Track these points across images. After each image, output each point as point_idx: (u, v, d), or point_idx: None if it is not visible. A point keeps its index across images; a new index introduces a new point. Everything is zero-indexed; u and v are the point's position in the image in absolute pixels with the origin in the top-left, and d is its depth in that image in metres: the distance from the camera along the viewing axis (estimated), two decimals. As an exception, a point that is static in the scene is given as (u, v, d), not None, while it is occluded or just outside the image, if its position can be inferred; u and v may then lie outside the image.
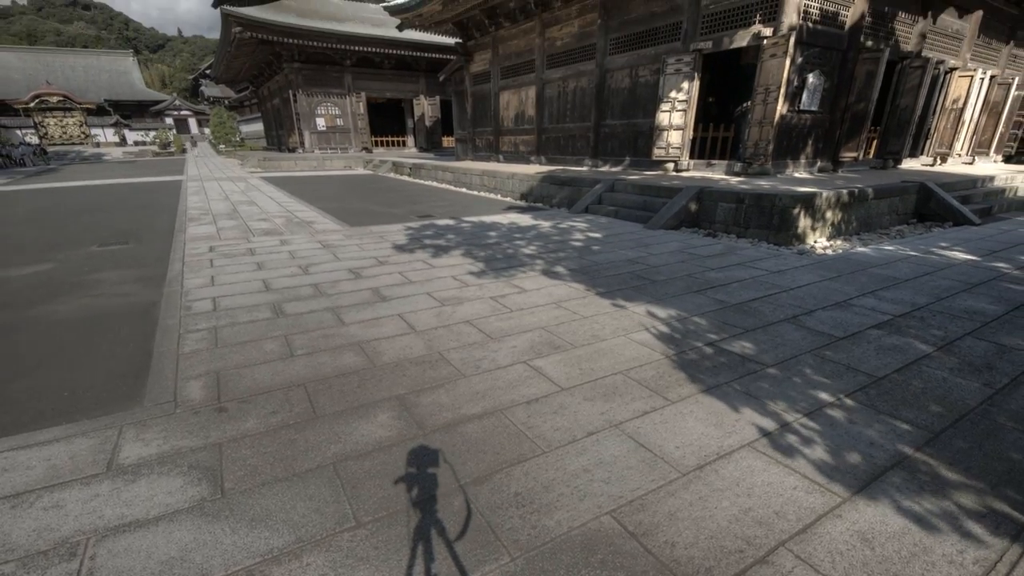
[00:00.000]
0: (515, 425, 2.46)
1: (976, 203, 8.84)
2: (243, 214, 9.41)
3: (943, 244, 6.42)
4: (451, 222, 8.36)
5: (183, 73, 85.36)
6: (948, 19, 11.30)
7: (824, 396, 2.70)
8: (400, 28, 18.07)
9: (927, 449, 2.24)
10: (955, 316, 3.89)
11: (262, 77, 31.96)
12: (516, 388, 2.83)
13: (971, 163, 13.45)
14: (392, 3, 16.13)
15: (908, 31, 10.52)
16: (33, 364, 3.19)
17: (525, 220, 8.51)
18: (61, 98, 46.29)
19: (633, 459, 2.19)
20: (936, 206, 8.07)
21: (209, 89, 55.89)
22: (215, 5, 29.25)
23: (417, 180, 16.61)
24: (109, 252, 6.39)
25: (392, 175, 18.85)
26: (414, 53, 24.74)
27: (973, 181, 9.49)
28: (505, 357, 3.22)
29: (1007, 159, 15.13)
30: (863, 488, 2.00)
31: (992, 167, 13.08)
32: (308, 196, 12.23)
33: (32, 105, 44.94)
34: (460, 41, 17.81)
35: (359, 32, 23.02)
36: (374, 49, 24.03)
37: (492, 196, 12.22)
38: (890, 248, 6.27)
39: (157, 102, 61.15)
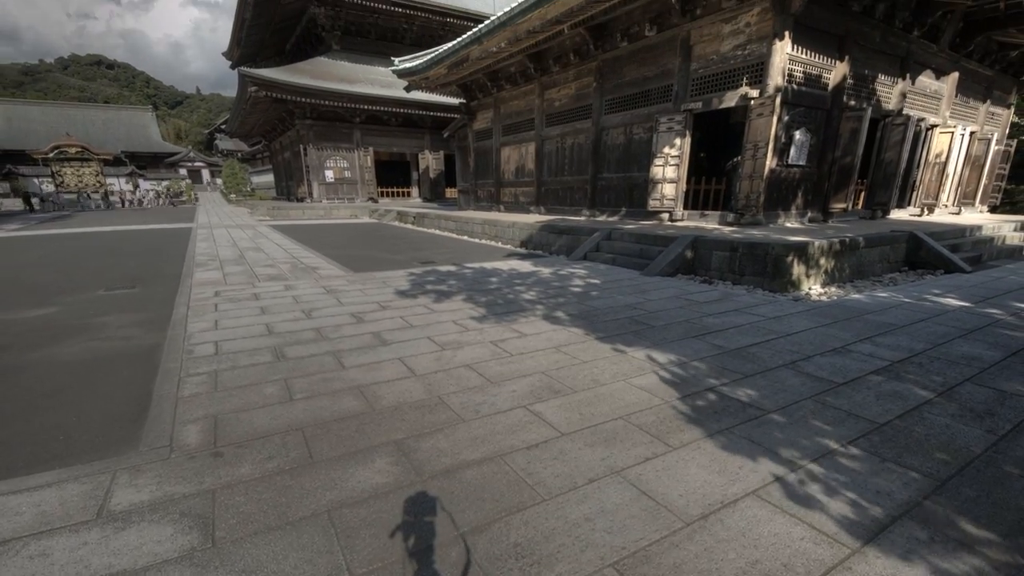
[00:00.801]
0: (515, 471, 2.39)
1: (966, 251, 8.95)
2: (250, 260, 9.50)
3: (936, 291, 6.45)
4: (453, 268, 8.43)
5: (199, 127, 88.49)
6: (926, 80, 11.81)
7: (828, 443, 2.64)
8: (407, 89, 18.92)
9: (935, 498, 2.17)
10: (953, 362, 3.86)
11: (275, 132, 33.06)
12: (516, 433, 2.76)
13: (957, 213, 13.71)
14: (400, 67, 16.99)
15: (889, 91, 10.98)
16: (30, 407, 3.14)
17: (525, 266, 8.59)
18: (79, 149, 47.67)
19: (636, 507, 2.11)
20: (927, 254, 8.16)
21: (223, 143, 57.74)
22: (233, 67, 30.67)
23: (421, 228, 16.87)
24: (115, 296, 6.41)
25: (396, 224, 19.16)
26: (420, 112, 25.69)
27: (961, 231, 9.64)
28: (505, 401, 3.17)
29: (992, 209, 15.44)
30: (872, 539, 1.92)
31: (978, 217, 13.34)
32: (314, 243, 12.39)
33: (51, 155, 46.26)
34: (464, 101, 18.59)
35: (369, 92, 24.03)
36: (382, 108, 25.00)
37: (493, 244, 12.38)
38: (884, 295, 6.29)
39: (172, 154, 63.02)
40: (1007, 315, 5.25)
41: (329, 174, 25.98)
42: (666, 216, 10.95)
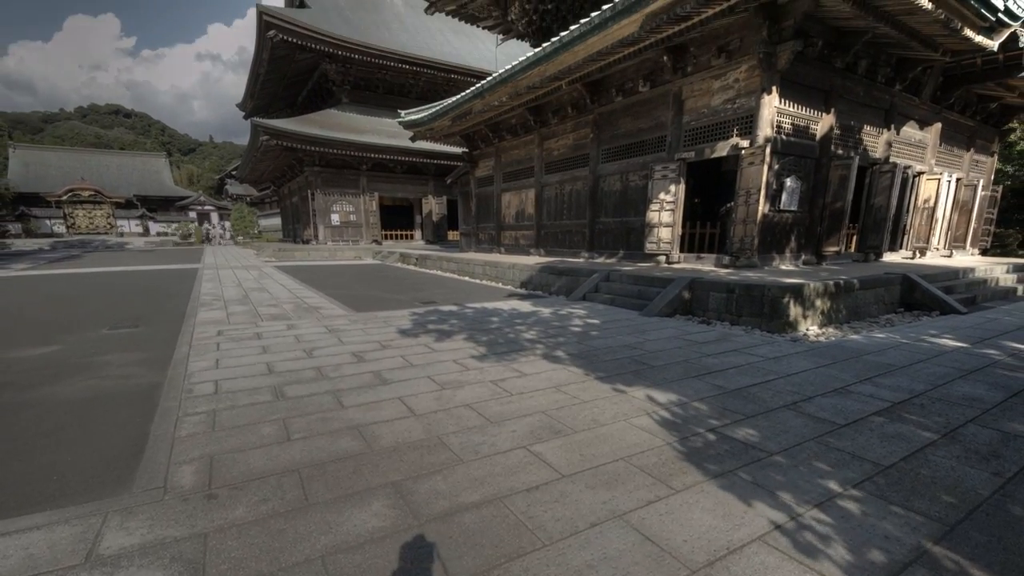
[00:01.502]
0: (514, 515, 2.31)
1: (960, 293, 8.97)
2: (254, 300, 9.52)
3: (932, 332, 6.42)
4: (454, 308, 8.43)
5: (210, 173, 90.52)
6: (910, 131, 12.16)
7: (833, 486, 2.56)
8: (413, 139, 19.61)
9: (945, 543, 2.09)
10: (954, 403, 3.80)
11: (284, 178, 33.83)
12: (516, 474, 2.69)
13: (949, 256, 13.83)
14: (406, 119, 17.68)
15: (875, 141, 11.29)
16: (25, 447, 3.07)
17: (526, 307, 8.59)
18: (92, 192, 48.70)
19: (639, 554, 2.03)
20: (921, 296, 8.17)
21: (233, 187, 59.00)
22: (246, 117, 31.82)
23: (423, 269, 16.98)
24: (119, 335, 6.39)
25: (399, 265, 19.31)
26: (424, 160, 26.43)
27: (954, 273, 9.69)
28: (505, 442, 3.10)
29: (983, 252, 15.58)
30: (884, 587, 1.83)
31: (970, 259, 13.44)
32: (318, 284, 12.45)
33: (64, 198, 47.16)
34: (466, 150, 19.15)
35: (375, 142, 24.83)
36: (388, 156, 25.77)
37: (494, 284, 12.43)
38: (881, 336, 6.26)
39: (183, 198, 64.22)
40: (1005, 356, 5.21)
41: (335, 217, 26.43)
42: (663, 259, 11.05)
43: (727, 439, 3.14)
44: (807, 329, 6.69)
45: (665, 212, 10.77)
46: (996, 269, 10.75)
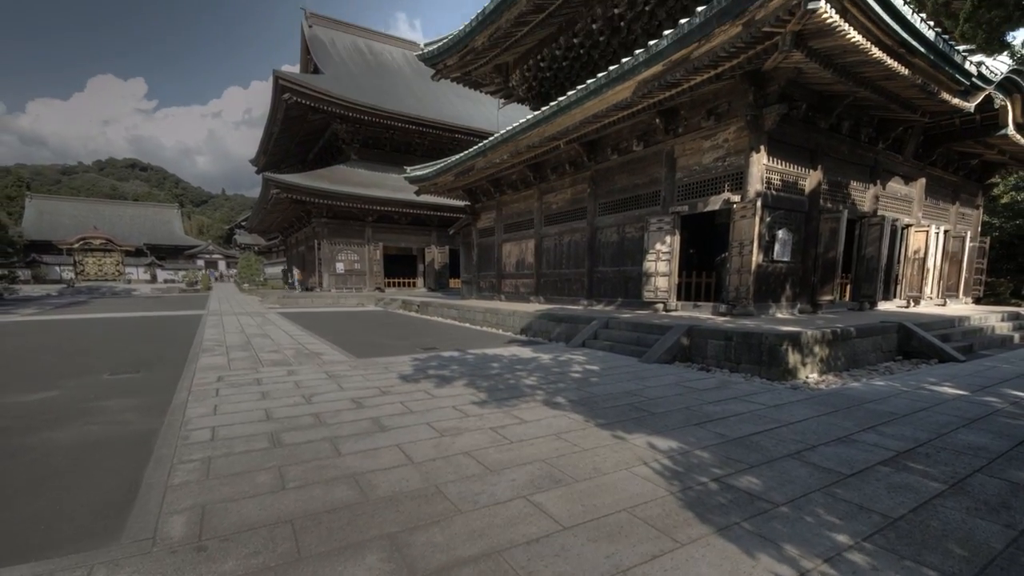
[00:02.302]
0: (514, 570, 2.20)
1: (957, 341, 8.92)
2: (256, 346, 9.46)
3: (932, 380, 6.34)
4: (455, 354, 8.36)
5: (220, 224, 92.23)
6: (896, 186, 12.45)
7: (842, 539, 2.45)
8: (418, 193, 20.25)
9: (963, 601, 1.97)
10: (960, 452, 3.69)
11: (291, 228, 34.46)
12: (515, 526, 2.58)
13: (943, 305, 13.84)
14: (412, 174, 18.36)
15: (862, 195, 11.53)
16: (16, 494, 2.97)
17: (526, 353, 8.52)
18: (104, 241, 49.39)
19: (643, 610, 1.92)
20: (919, 344, 8.12)
21: (242, 237, 59.99)
22: (258, 172, 32.87)
23: (424, 316, 16.97)
24: (119, 380, 6.30)
25: (401, 311, 19.31)
26: (428, 212, 27.08)
27: (950, 321, 9.67)
28: (504, 491, 3.00)
29: (977, 301, 15.60)
30: (902, 648, 1.72)
31: (964, 308, 13.44)
32: (320, 330, 12.40)
33: (76, 245, 47.77)
34: (469, 204, 19.64)
35: (382, 195, 25.59)
36: (393, 209, 26.48)
37: (494, 331, 12.39)
38: (881, 384, 6.17)
39: (192, 246, 65.16)
40: (1007, 404, 5.11)
41: (340, 266, 26.75)
42: (661, 306, 11.07)
43: (731, 489, 3.03)
44: (807, 377, 6.61)
45: (661, 262, 10.88)
46: (991, 317, 10.74)
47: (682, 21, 7.86)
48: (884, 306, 12.10)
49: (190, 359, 7.94)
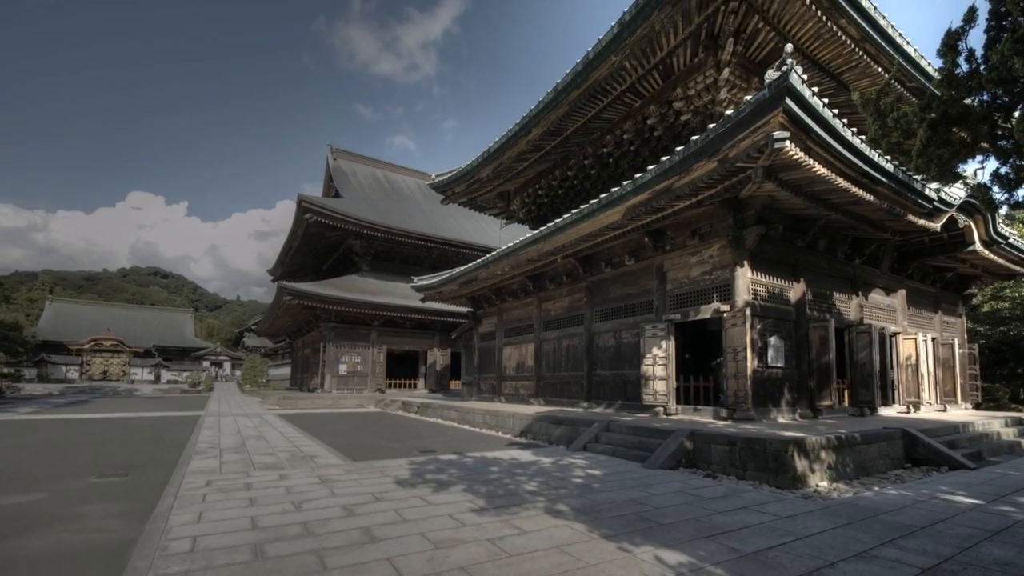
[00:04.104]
0: None
1: (964, 448, 8.50)
2: (250, 448, 9.01)
3: (944, 489, 5.93)
4: (453, 457, 7.93)
5: (231, 327, 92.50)
6: (878, 296, 12.64)
7: (876, 670, 2.14)
8: (423, 300, 20.84)
9: None
10: (987, 568, 3.35)
11: (299, 332, 34.71)
12: (514, 652, 2.27)
13: (944, 411, 13.38)
14: (419, 284, 19.15)
15: (847, 305, 11.68)
16: (-30, 610, 2.65)
17: (526, 456, 8.08)
18: (115, 342, 49.34)
19: None
20: (925, 451, 7.73)
21: (250, 340, 59.89)
22: (274, 281, 34.05)
23: (424, 418, 16.38)
24: (105, 484, 5.93)
25: (401, 413, 18.67)
26: (432, 317, 27.55)
27: (953, 427, 9.30)
28: (502, 611, 2.68)
29: (976, 406, 15.11)
30: None
31: (964, 413, 12.99)
32: (317, 432, 11.90)
33: (87, 347, 47.58)
34: (471, 310, 20.05)
35: (389, 302, 26.30)
36: (399, 314, 27.03)
37: (494, 433, 11.87)
38: (893, 492, 5.77)
39: (199, 349, 64.90)
40: (1029, 517, 4.74)
41: (343, 368, 26.50)
42: (661, 410, 10.72)
43: (749, 610, 2.71)
44: (817, 485, 6.20)
45: (659, 366, 10.76)
46: (994, 423, 10.35)
47: (664, 158, 8.61)
48: (884, 412, 11.72)
49: (181, 462, 7.52)
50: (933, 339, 13.69)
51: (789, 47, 7.17)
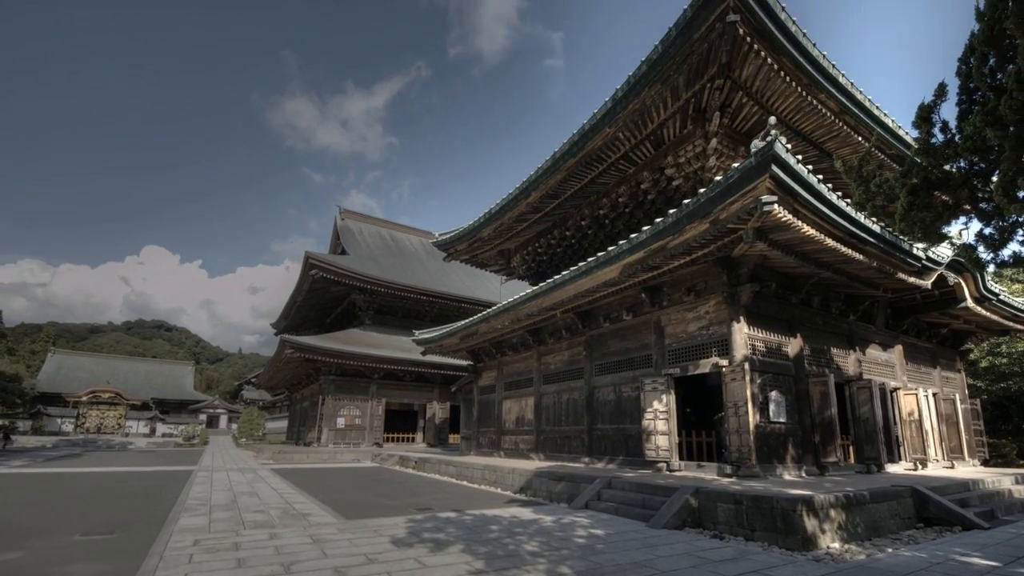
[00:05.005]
0: None
1: (976, 506, 8.11)
2: (241, 505, 8.61)
3: (959, 550, 5.61)
4: (451, 515, 7.55)
5: (231, 379, 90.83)
6: (875, 352, 12.48)
7: None
8: (424, 353, 20.73)
9: None
10: (1018, 639, 3.12)
11: (299, 385, 34.15)
12: None
13: (951, 467, 12.87)
14: (420, 337, 19.19)
15: (845, 360, 11.50)
16: None
17: (526, 514, 7.69)
18: (113, 395, 48.24)
19: None
20: (937, 510, 7.38)
21: (249, 393, 58.75)
22: (277, 334, 34.05)
23: (421, 473, 15.76)
24: (90, 542, 5.62)
25: (398, 468, 17.98)
26: (432, 370, 27.18)
27: (964, 485, 8.92)
28: None
29: (984, 462, 14.57)
30: None
31: (973, 470, 12.50)
32: (311, 487, 11.40)
33: (84, 399, 46.48)
34: (471, 363, 19.84)
35: (390, 355, 26.07)
36: (399, 367, 26.74)
37: (493, 490, 11.38)
38: (907, 554, 5.46)
39: (197, 401, 63.50)
40: (1053, 582, 4.46)
41: (341, 421, 25.82)
42: (663, 466, 10.33)
43: None
44: (828, 546, 5.88)
45: (660, 421, 10.49)
46: (1005, 480, 9.95)
47: (658, 220, 8.83)
48: (891, 469, 11.30)
49: (170, 519, 7.16)
50: (934, 394, 13.42)
51: (772, 119, 7.48)
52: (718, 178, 7.76)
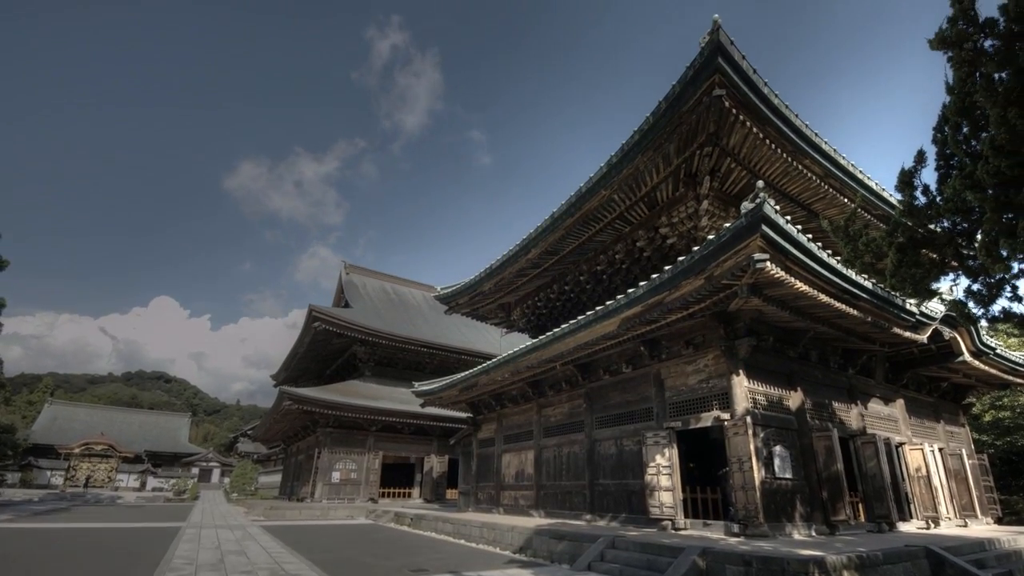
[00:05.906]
0: None
1: (993, 568, 7.65)
2: (228, 565, 8.13)
3: (987, 620, 5.25)
4: (447, 579, 7.11)
5: (226, 432, 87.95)
6: (877, 406, 12.23)
7: None
8: (423, 406, 20.39)
9: None
10: None
11: (295, 437, 33.20)
12: None
13: (964, 526, 12.24)
14: (420, 389, 18.94)
15: (847, 414, 11.27)
16: None
17: (525, 579, 7.24)
18: (106, 447, 46.61)
19: None
20: (953, 571, 6.95)
21: (244, 445, 56.78)
22: (276, 385, 33.61)
23: (418, 531, 14.97)
24: (70, 603, 5.25)
25: (393, 525, 17.08)
26: (430, 422, 26.48)
27: (979, 544, 8.46)
28: None
29: (998, 520, 13.87)
30: None
31: (987, 529, 11.89)
32: (302, 547, 10.80)
33: (76, 451, 44.86)
34: (471, 415, 19.43)
35: (388, 407, 25.52)
36: (398, 419, 26.09)
37: (492, 549, 10.76)
38: (931, 624, 5.10)
39: (191, 454, 61.29)
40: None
41: (336, 475, 24.80)
42: (668, 524, 9.85)
43: None
44: (843, 613, 5.51)
45: (663, 476, 10.11)
46: (1021, 539, 9.42)
47: (654, 275, 8.99)
48: (903, 527, 10.75)
49: (156, 579, 6.75)
50: (940, 449, 12.99)
51: (760, 183, 7.77)
52: (711, 237, 7.94)
